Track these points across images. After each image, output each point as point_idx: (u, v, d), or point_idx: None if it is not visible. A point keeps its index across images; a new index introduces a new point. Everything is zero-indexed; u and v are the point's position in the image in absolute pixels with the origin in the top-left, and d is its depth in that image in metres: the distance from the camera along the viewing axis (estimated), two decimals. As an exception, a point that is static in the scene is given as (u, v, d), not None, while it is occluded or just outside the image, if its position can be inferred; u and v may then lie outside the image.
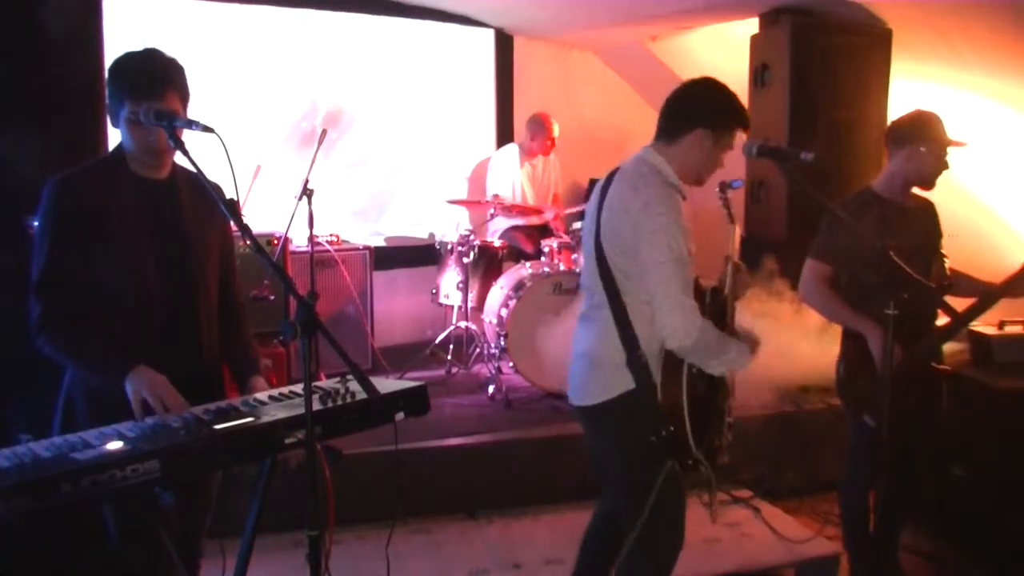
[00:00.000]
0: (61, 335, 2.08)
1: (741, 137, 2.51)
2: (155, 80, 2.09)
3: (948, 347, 3.15)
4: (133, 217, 2.13)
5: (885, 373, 2.52)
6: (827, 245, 3.01)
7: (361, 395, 2.04)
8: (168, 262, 2.18)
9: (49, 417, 2.18)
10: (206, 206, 2.26)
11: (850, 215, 2.82)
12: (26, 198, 2.51)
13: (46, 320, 2.07)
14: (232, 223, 1.94)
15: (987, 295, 2.91)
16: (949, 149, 2.97)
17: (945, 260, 3.05)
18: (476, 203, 5.72)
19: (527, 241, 5.66)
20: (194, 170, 1.98)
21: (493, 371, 4.80)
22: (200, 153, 1.99)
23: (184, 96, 2.16)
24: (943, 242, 3.11)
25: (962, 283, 3.04)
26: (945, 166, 2.99)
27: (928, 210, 3.13)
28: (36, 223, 2.14)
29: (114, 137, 2.24)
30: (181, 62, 2.18)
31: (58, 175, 2.12)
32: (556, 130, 5.79)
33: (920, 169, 2.98)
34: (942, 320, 3.01)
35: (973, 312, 2.92)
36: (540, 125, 5.79)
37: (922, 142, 2.95)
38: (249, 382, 2.32)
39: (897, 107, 5.04)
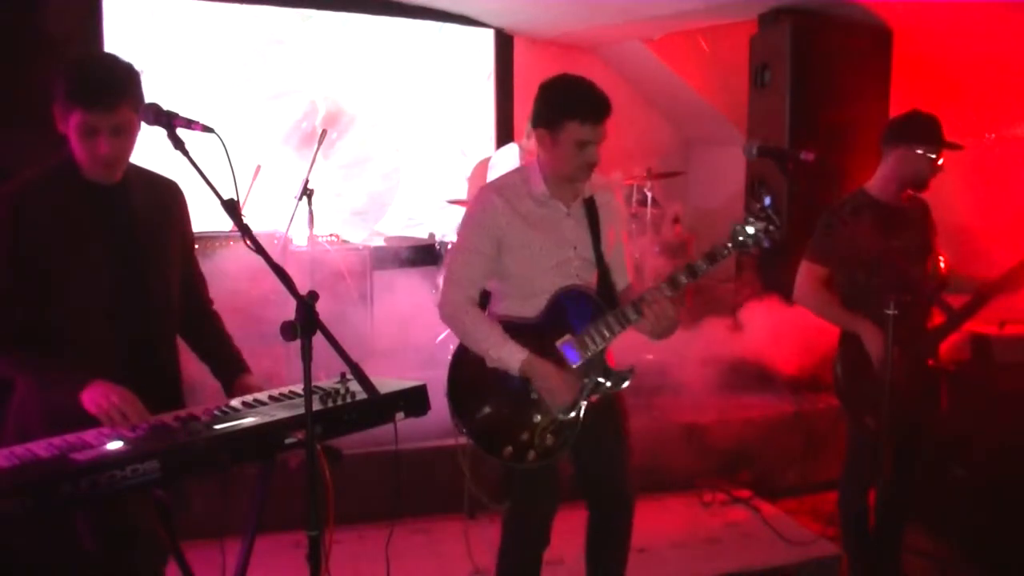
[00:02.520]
0: (16, 351, 2.01)
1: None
2: (112, 92, 1.99)
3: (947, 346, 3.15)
4: (85, 226, 2.05)
5: (884, 375, 2.51)
6: (822, 247, 3.01)
7: (361, 395, 2.04)
8: (123, 270, 2.10)
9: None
10: (162, 207, 2.20)
11: (844, 217, 2.82)
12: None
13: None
14: (234, 224, 1.92)
15: (981, 292, 2.91)
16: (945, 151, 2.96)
17: (940, 259, 3.05)
18: (476, 203, 5.70)
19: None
20: (194, 170, 1.96)
21: (493, 371, 4.79)
22: (200, 153, 1.99)
23: (138, 106, 2.03)
24: (937, 241, 3.11)
25: (957, 282, 3.04)
26: (939, 169, 2.98)
27: (922, 209, 3.12)
28: None
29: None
30: (138, 68, 2.08)
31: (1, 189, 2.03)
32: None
33: (913, 171, 2.96)
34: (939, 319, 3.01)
35: (969, 309, 2.92)
36: (540, 125, 5.78)
37: (917, 143, 2.94)
38: (238, 381, 2.26)
39: (897, 107, 5.05)
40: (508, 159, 5.94)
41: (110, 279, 2.08)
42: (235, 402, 2.08)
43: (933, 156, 2.94)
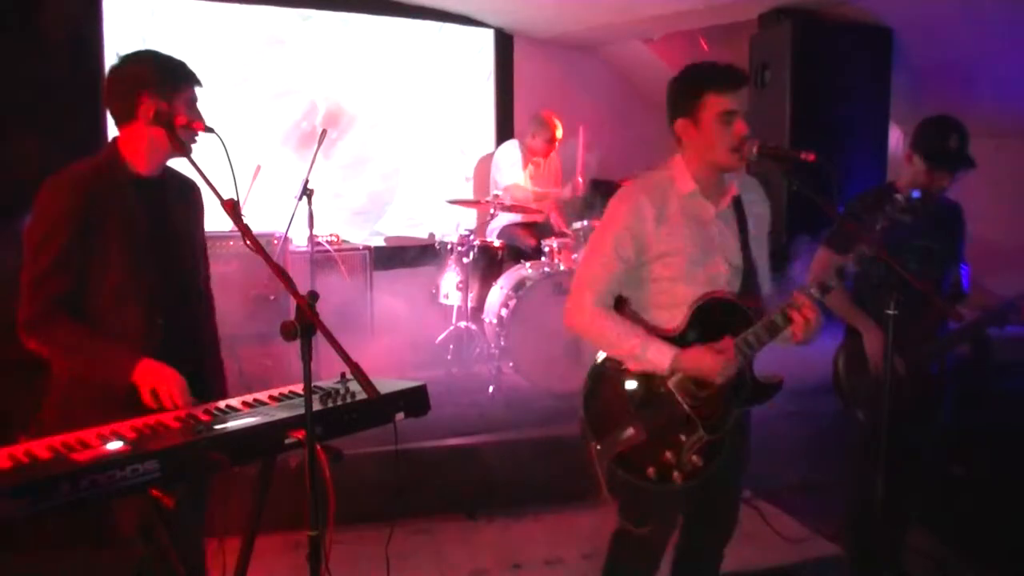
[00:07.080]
0: (62, 331, 2.08)
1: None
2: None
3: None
4: (131, 216, 2.15)
5: (883, 375, 2.51)
6: (839, 235, 2.98)
7: (361, 395, 2.04)
8: (163, 260, 2.22)
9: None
10: (190, 202, 2.35)
11: (866, 209, 2.80)
12: (27, 199, 2.51)
13: (42, 318, 2.07)
14: (234, 224, 1.92)
15: (1005, 305, 2.88)
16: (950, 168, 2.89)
17: (964, 268, 3.03)
18: (476, 203, 5.71)
19: (528, 236, 5.61)
20: (194, 170, 1.98)
21: (493, 371, 4.80)
22: (200, 153, 1.99)
23: None
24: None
25: (977, 296, 3.01)
26: (942, 186, 2.93)
27: (953, 213, 3.06)
28: (30, 221, 2.12)
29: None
30: None
31: (55, 174, 2.13)
32: (559, 131, 5.72)
33: (916, 178, 2.92)
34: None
35: (984, 322, 2.90)
36: (543, 125, 5.68)
37: (921, 153, 2.90)
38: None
39: (897, 107, 5.05)
40: (510, 155, 5.94)
41: (152, 267, 2.18)
42: (235, 402, 2.08)
43: (934, 172, 2.87)
